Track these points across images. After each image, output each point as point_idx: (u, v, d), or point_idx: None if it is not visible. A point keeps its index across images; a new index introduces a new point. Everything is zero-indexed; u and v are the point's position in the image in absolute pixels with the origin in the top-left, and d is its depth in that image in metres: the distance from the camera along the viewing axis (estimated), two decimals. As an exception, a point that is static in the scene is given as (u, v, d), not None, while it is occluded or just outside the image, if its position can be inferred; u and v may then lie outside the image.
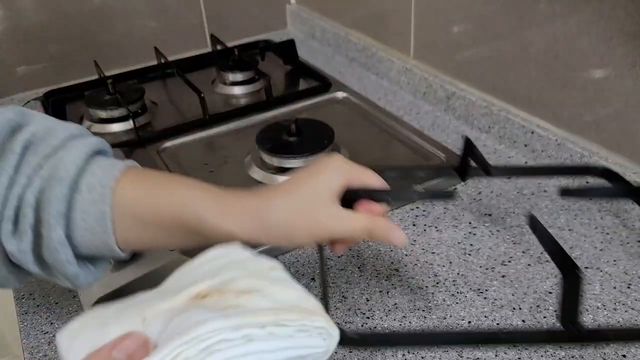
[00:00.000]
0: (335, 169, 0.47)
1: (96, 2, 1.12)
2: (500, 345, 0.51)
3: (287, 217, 0.45)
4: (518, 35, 0.77)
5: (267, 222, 0.45)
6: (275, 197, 0.46)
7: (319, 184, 0.46)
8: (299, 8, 1.31)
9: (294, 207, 0.45)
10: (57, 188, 0.42)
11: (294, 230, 0.45)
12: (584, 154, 0.71)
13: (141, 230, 0.45)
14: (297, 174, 0.48)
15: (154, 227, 0.45)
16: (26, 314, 0.61)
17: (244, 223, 0.45)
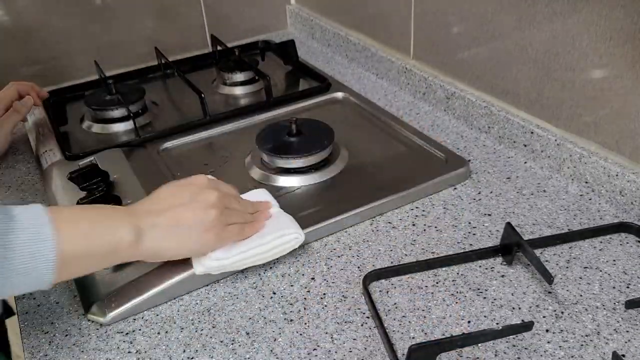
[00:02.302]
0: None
1: (96, 2, 1.12)
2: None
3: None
4: (518, 35, 0.77)
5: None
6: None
7: None
8: (299, 8, 1.31)
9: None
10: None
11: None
12: (584, 154, 0.71)
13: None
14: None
15: None
16: (27, 314, 0.61)
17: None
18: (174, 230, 0.55)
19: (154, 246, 0.54)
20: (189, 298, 0.61)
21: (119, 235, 0.51)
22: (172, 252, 0.56)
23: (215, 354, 0.55)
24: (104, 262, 0.53)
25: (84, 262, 0.50)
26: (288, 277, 0.63)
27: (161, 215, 0.54)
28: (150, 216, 0.54)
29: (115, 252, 0.51)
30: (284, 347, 0.55)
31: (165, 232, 0.54)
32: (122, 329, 0.58)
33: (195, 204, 0.56)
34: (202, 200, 0.56)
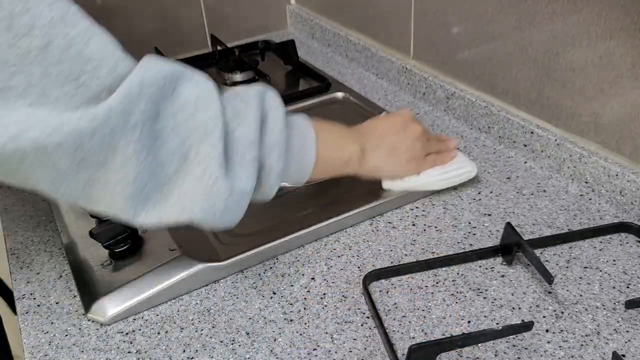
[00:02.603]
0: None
1: (97, 2, 1.12)
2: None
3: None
4: (518, 35, 0.77)
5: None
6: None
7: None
8: (299, 8, 1.31)
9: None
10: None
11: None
12: (584, 154, 0.71)
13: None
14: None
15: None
16: (27, 314, 0.61)
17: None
18: (389, 154, 0.66)
19: (373, 165, 0.65)
20: (189, 298, 0.62)
21: (352, 150, 0.63)
22: (384, 172, 0.69)
23: (215, 354, 0.55)
24: (339, 169, 0.63)
25: (328, 165, 0.61)
26: (288, 277, 0.63)
27: (381, 140, 0.66)
28: (373, 139, 0.65)
29: (349, 163, 0.63)
30: (284, 347, 0.55)
31: (383, 154, 0.66)
32: (122, 329, 0.58)
33: (406, 135, 0.67)
34: (411, 132, 0.68)
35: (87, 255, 0.65)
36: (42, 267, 0.67)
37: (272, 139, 0.52)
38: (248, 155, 0.50)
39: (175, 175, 0.47)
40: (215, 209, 0.48)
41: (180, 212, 0.47)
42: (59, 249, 0.70)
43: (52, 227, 0.73)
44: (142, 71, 0.44)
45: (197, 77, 0.49)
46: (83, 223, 0.69)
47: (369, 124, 0.68)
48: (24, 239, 0.72)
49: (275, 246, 0.66)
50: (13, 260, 0.69)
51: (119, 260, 0.64)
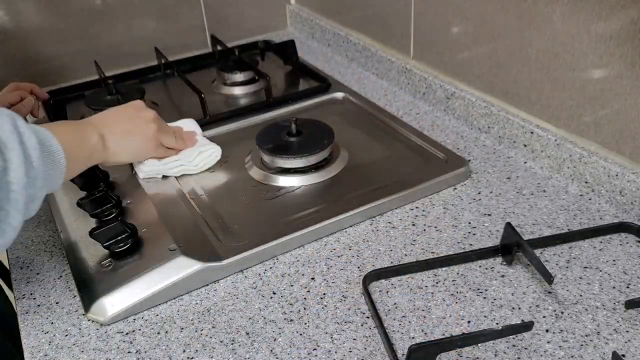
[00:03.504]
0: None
1: (96, 2, 1.12)
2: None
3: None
4: (518, 35, 0.77)
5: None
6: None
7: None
8: (299, 8, 1.31)
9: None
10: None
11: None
12: (584, 154, 0.71)
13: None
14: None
15: None
16: (26, 314, 0.61)
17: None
18: (126, 137, 0.70)
19: (114, 149, 0.68)
20: (189, 298, 0.62)
21: (93, 141, 0.65)
22: (126, 155, 0.72)
23: (215, 354, 0.55)
24: (86, 162, 0.65)
25: (77, 163, 0.62)
26: (288, 277, 0.63)
27: (117, 125, 0.69)
28: (109, 126, 0.68)
29: (92, 154, 0.65)
30: (284, 347, 0.55)
31: (120, 137, 0.69)
32: (122, 329, 0.58)
33: (139, 119, 0.72)
34: (143, 117, 0.73)
35: (87, 255, 0.65)
36: (42, 267, 0.67)
37: (35, 173, 0.52)
38: (20, 200, 0.50)
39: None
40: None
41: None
42: (59, 249, 0.70)
43: (52, 227, 0.73)
44: None
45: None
46: (83, 223, 0.69)
47: (101, 114, 0.71)
48: (24, 239, 0.72)
49: (275, 246, 0.66)
50: (13, 260, 0.69)
51: (119, 260, 0.64)
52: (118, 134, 0.68)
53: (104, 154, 0.67)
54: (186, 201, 0.74)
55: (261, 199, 0.74)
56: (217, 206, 0.73)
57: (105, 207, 0.69)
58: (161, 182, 0.77)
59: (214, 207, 0.73)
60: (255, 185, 0.77)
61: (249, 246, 0.65)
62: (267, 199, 0.74)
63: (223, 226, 0.69)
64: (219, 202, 0.74)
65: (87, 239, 0.64)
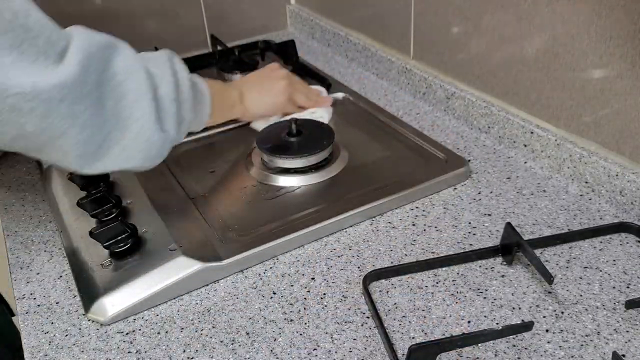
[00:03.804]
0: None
1: (97, 2, 1.12)
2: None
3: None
4: (518, 35, 0.77)
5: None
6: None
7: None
8: (299, 8, 1.31)
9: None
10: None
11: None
12: (584, 154, 0.71)
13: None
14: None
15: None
16: (27, 314, 0.61)
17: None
18: (260, 91, 0.82)
19: (251, 104, 0.79)
20: (189, 298, 0.62)
21: (234, 95, 0.78)
22: (260, 109, 0.82)
23: (215, 354, 0.55)
24: (227, 114, 0.77)
25: (219, 112, 0.72)
26: (288, 277, 0.63)
27: (253, 83, 0.82)
28: (247, 84, 0.81)
29: (233, 105, 0.77)
30: (284, 347, 0.55)
31: (256, 94, 0.81)
32: (122, 329, 0.58)
33: (273, 76, 0.84)
34: (275, 76, 0.84)
35: (87, 255, 0.65)
36: (42, 267, 0.67)
37: (185, 96, 0.62)
38: (171, 110, 0.59)
39: (116, 134, 0.54)
40: (151, 156, 0.59)
41: (122, 163, 0.56)
42: (59, 249, 0.70)
43: (52, 227, 0.73)
44: (84, 43, 0.51)
45: (122, 46, 0.58)
46: (83, 223, 0.69)
47: (243, 78, 0.85)
48: (24, 239, 0.72)
49: (275, 246, 0.66)
50: (13, 260, 0.69)
51: (119, 260, 0.64)
52: (254, 92, 0.80)
53: (242, 107, 0.78)
54: (186, 201, 0.74)
55: (261, 199, 0.74)
56: (217, 206, 0.73)
57: (105, 207, 0.69)
58: (161, 181, 0.77)
59: (214, 207, 0.73)
60: (255, 185, 0.77)
61: (249, 246, 0.65)
62: (267, 199, 0.74)
63: (223, 226, 0.69)
64: (219, 202, 0.74)
65: (87, 239, 0.64)
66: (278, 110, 0.85)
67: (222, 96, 0.74)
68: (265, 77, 0.84)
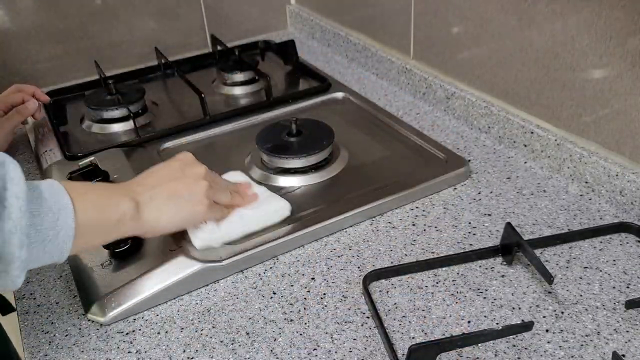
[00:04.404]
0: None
1: (97, 2, 1.12)
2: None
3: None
4: (517, 35, 0.77)
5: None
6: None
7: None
8: (299, 8, 1.31)
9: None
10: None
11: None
12: (584, 154, 0.71)
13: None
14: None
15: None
16: (27, 314, 0.61)
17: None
18: (169, 201, 0.58)
19: (153, 217, 0.56)
20: (189, 298, 0.61)
21: (122, 208, 0.54)
22: (168, 223, 0.59)
23: (215, 354, 0.55)
24: (110, 234, 0.55)
25: (95, 233, 0.52)
26: (288, 277, 0.63)
27: (156, 188, 0.58)
28: (147, 190, 0.57)
29: (121, 223, 0.54)
30: (284, 347, 0.55)
31: (161, 203, 0.57)
32: (122, 329, 0.58)
33: (187, 178, 0.60)
34: (192, 174, 0.60)
35: (87, 255, 0.65)
36: (42, 267, 0.67)
37: (10, 225, 0.43)
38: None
39: None
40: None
41: None
42: (59, 249, 0.69)
43: (52, 227, 0.73)
44: None
45: None
46: (83, 223, 0.69)
47: (144, 174, 0.60)
48: (24, 239, 0.72)
49: (275, 246, 0.66)
50: (13, 260, 0.68)
51: (119, 260, 0.64)
52: (157, 199, 0.57)
53: (136, 223, 0.55)
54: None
55: (261, 199, 0.74)
56: (217, 206, 0.73)
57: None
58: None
59: (214, 207, 0.73)
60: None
61: (249, 246, 0.65)
62: (267, 199, 0.74)
63: (223, 226, 0.69)
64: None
65: (87, 239, 0.64)
66: (198, 221, 0.62)
67: (100, 211, 0.52)
68: (174, 178, 0.59)
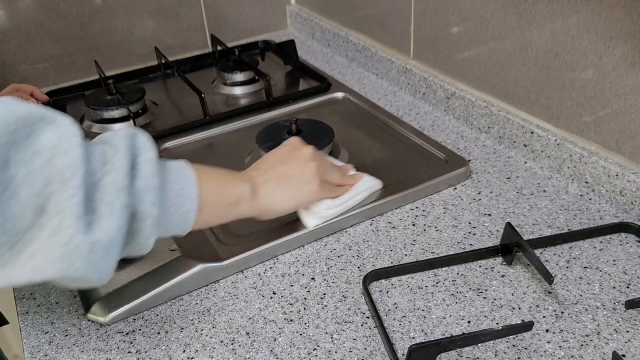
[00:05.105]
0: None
1: (96, 2, 1.12)
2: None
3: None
4: (517, 35, 0.77)
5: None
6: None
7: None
8: (299, 8, 1.31)
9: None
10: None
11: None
12: (584, 154, 0.71)
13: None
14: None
15: None
16: (27, 314, 0.61)
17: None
18: (282, 183, 0.61)
19: (268, 199, 0.60)
20: (189, 298, 0.62)
21: (240, 189, 0.58)
22: (283, 204, 0.62)
23: (215, 354, 0.55)
24: (229, 212, 0.57)
25: (215, 209, 0.55)
26: (288, 277, 0.63)
27: (269, 172, 0.62)
28: (261, 175, 0.61)
29: (238, 203, 0.58)
30: (284, 347, 0.55)
31: (275, 186, 0.61)
32: (122, 329, 0.58)
33: (296, 160, 0.63)
34: (300, 156, 0.64)
35: (87, 255, 0.65)
36: (42, 267, 0.67)
37: (143, 184, 0.46)
38: (116, 203, 0.44)
39: (29, 231, 0.40)
40: (75, 268, 0.42)
41: (32, 273, 0.41)
42: (59, 249, 0.69)
43: (52, 227, 0.73)
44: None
45: (60, 121, 0.43)
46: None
47: (258, 161, 0.64)
48: (24, 239, 0.72)
49: (275, 246, 0.66)
50: (13, 260, 0.68)
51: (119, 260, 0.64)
52: (272, 181, 0.60)
53: (253, 204, 0.58)
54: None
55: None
56: (217, 206, 0.73)
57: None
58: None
59: (214, 207, 0.73)
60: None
61: (249, 246, 0.65)
62: (267, 199, 0.74)
63: (223, 226, 0.69)
64: (219, 202, 0.74)
65: (87, 239, 0.64)
66: (310, 202, 0.65)
67: (220, 189, 0.56)
68: (284, 161, 0.63)
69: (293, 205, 0.63)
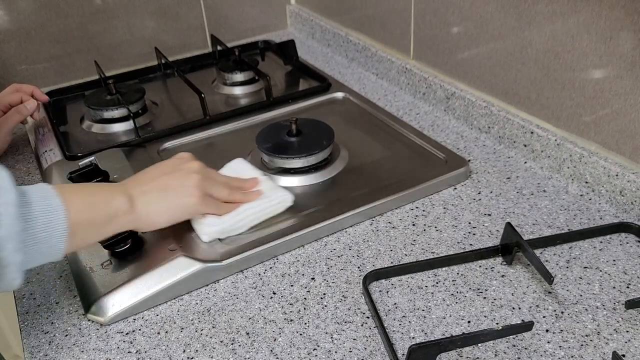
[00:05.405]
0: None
1: (96, 2, 1.12)
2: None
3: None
4: (517, 35, 0.77)
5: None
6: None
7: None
8: (299, 8, 1.31)
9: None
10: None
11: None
12: (584, 154, 0.71)
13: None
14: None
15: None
16: (27, 314, 0.61)
17: None
18: (161, 195, 0.60)
19: (145, 210, 0.58)
20: (189, 298, 0.62)
21: (115, 203, 0.56)
22: (161, 215, 0.61)
23: (215, 354, 0.55)
24: (105, 229, 0.56)
25: (89, 230, 0.54)
26: (288, 277, 0.63)
27: (149, 183, 0.60)
28: (139, 186, 0.60)
29: (115, 218, 0.56)
30: (284, 347, 0.55)
31: (153, 197, 0.59)
32: (122, 329, 0.58)
33: (178, 172, 0.62)
34: (185, 168, 0.63)
35: (87, 255, 0.65)
36: (42, 267, 0.67)
37: (4, 232, 0.45)
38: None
39: None
40: None
41: None
42: (59, 249, 0.69)
43: (52, 227, 0.73)
44: None
45: None
46: (83, 223, 0.69)
47: (140, 172, 0.63)
48: (24, 239, 0.72)
49: (275, 246, 0.66)
50: (13, 260, 0.68)
51: (119, 260, 0.64)
52: (150, 193, 0.59)
53: (131, 217, 0.57)
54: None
55: (261, 199, 0.74)
56: (217, 206, 0.73)
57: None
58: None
59: (214, 207, 0.73)
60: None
61: (249, 246, 0.65)
62: (267, 199, 0.74)
63: (223, 226, 0.69)
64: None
65: (87, 239, 0.64)
66: (191, 213, 0.63)
67: (92, 208, 0.54)
68: (166, 173, 0.62)
69: (171, 218, 0.61)
